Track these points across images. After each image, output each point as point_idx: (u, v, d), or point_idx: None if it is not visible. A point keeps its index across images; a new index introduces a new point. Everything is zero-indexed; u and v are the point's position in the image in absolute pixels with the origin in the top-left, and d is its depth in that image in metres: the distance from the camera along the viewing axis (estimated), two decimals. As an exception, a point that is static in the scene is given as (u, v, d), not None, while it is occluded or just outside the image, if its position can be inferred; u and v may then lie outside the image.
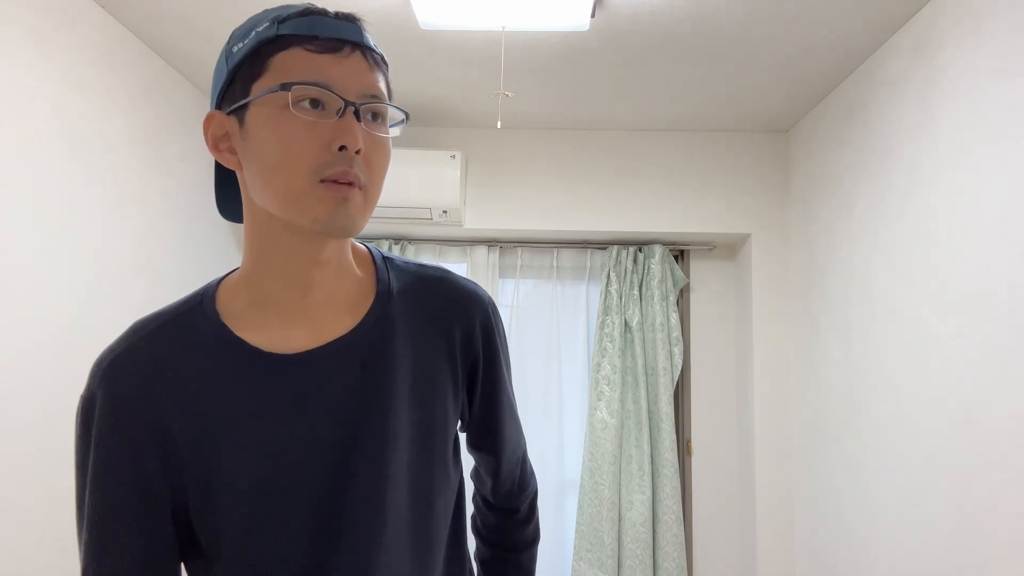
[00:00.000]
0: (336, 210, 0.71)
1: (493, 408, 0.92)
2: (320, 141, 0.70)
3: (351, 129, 0.70)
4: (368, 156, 0.73)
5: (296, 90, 0.70)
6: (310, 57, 0.71)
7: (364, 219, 0.74)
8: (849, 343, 2.32)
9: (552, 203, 2.98)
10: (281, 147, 0.70)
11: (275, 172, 0.71)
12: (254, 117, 0.72)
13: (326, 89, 0.70)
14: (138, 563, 0.73)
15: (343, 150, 0.70)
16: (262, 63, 0.72)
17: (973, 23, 1.73)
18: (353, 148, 0.70)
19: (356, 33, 0.74)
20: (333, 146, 0.70)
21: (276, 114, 0.71)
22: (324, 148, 0.70)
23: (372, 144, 0.74)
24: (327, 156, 0.70)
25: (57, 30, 1.86)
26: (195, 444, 0.74)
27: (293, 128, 0.70)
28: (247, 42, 0.74)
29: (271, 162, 0.71)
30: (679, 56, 2.31)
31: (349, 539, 0.75)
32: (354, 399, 0.77)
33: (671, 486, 2.85)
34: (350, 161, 0.71)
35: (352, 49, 0.73)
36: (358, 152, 0.71)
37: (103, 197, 2.05)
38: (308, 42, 0.72)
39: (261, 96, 0.72)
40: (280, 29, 0.72)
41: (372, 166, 0.74)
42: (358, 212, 0.73)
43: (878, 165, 2.17)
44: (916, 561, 1.88)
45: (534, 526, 1.06)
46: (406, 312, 0.83)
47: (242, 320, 0.78)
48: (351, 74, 0.72)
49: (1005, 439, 1.55)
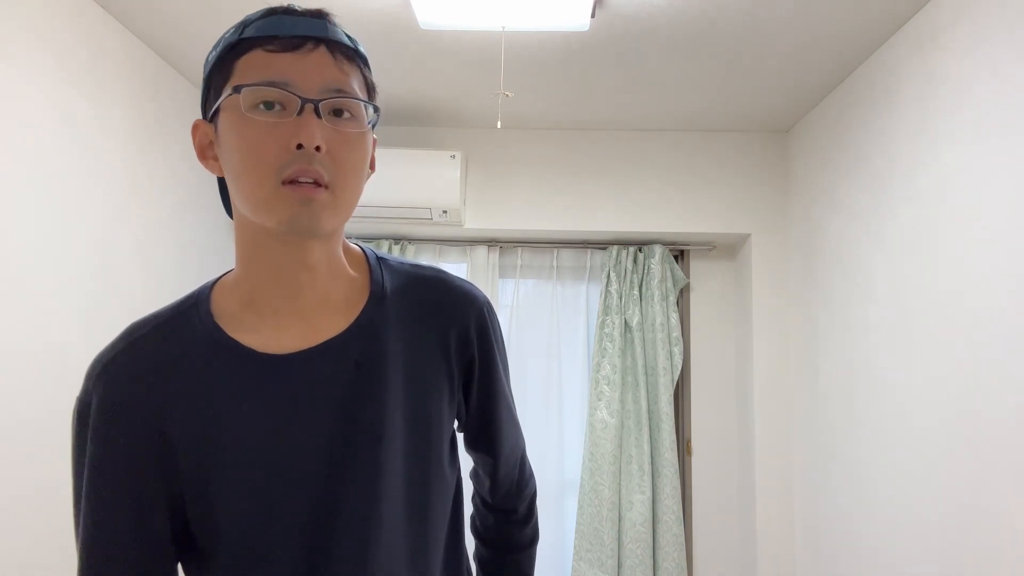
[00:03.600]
0: (299, 211, 0.70)
1: (490, 408, 0.92)
2: (279, 141, 0.69)
3: (308, 127, 0.69)
4: (334, 153, 0.71)
5: (247, 92, 0.70)
6: (269, 57, 0.71)
7: (334, 219, 0.73)
8: (849, 343, 2.31)
9: (552, 203, 2.98)
10: (243, 151, 0.70)
11: (242, 176, 0.71)
12: (222, 123, 0.73)
13: (280, 88, 0.70)
14: (135, 564, 0.73)
15: (301, 148, 0.69)
16: (228, 68, 0.72)
17: (972, 23, 1.73)
18: (310, 145, 0.69)
19: (319, 28, 0.73)
20: (291, 145, 0.69)
21: (237, 119, 0.71)
22: (284, 148, 0.69)
23: (337, 140, 0.72)
24: (287, 156, 0.69)
25: (57, 30, 1.86)
26: (191, 445, 0.74)
27: (253, 131, 0.70)
28: (218, 50, 0.74)
29: (237, 167, 0.71)
30: (679, 56, 2.31)
31: (345, 539, 0.75)
32: (348, 399, 0.77)
33: (671, 486, 2.84)
34: (309, 159, 0.69)
35: (315, 45, 0.72)
36: (318, 149, 0.70)
37: (103, 197, 2.05)
38: (268, 43, 0.71)
39: (222, 101, 0.72)
40: (244, 33, 0.72)
41: (340, 163, 0.72)
42: (324, 212, 0.71)
43: (878, 165, 2.17)
44: (916, 561, 1.87)
45: (533, 526, 1.05)
46: (400, 312, 0.83)
47: (236, 321, 0.78)
48: (312, 70, 0.71)
49: (1005, 438, 1.55)
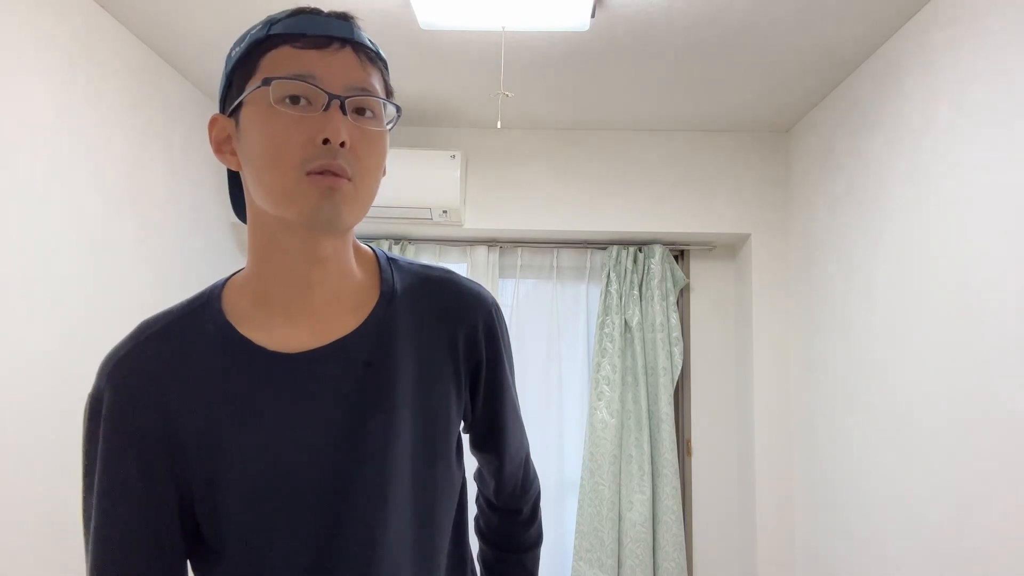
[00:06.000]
0: (321, 201, 0.71)
1: (496, 409, 0.92)
2: (305, 136, 0.71)
3: (334, 122, 0.71)
4: (356, 150, 0.73)
5: (276, 85, 0.71)
6: (297, 54, 0.72)
7: (354, 213, 0.74)
8: (849, 343, 2.32)
9: (552, 203, 2.98)
10: (268, 143, 0.71)
11: (265, 168, 0.72)
12: (246, 116, 0.74)
13: (309, 83, 0.71)
14: (144, 561, 0.73)
15: (327, 143, 0.70)
16: (254, 64, 0.74)
17: (972, 23, 1.73)
18: (336, 141, 0.70)
19: (346, 30, 0.75)
20: (317, 140, 0.70)
21: (264, 111, 0.72)
22: (309, 142, 0.71)
23: (360, 138, 0.73)
24: (312, 150, 0.71)
25: (57, 30, 1.86)
26: (201, 443, 0.74)
27: (279, 124, 0.71)
28: (242, 45, 0.76)
29: (261, 159, 0.72)
30: (679, 56, 2.31)
31: (352, 537, 0.76)
32: (358, 398, 0.77)
33: (671, 486, 2.85)
34: (334, 154, 0.71)
35: (342, 45, 0.74)
36: (343, 145, 0.71)
37: (104, 197, 2.05)
38: (296, 40, 0.73)
39: (249, 94, 0.73)
40: (271, 30, 0.74)
41: (361, 160, 0.73)
42: (345, 204, 0.72)
43: (878, 165, 2.17)
44: (916, 561, 1.88)
45: (537, 528, 1.06)
46: (410, 312, 0.83)
47: (247, 320, 0.79)
48: (338, 69, 0.73)
49: (1005, 438, 1.55)
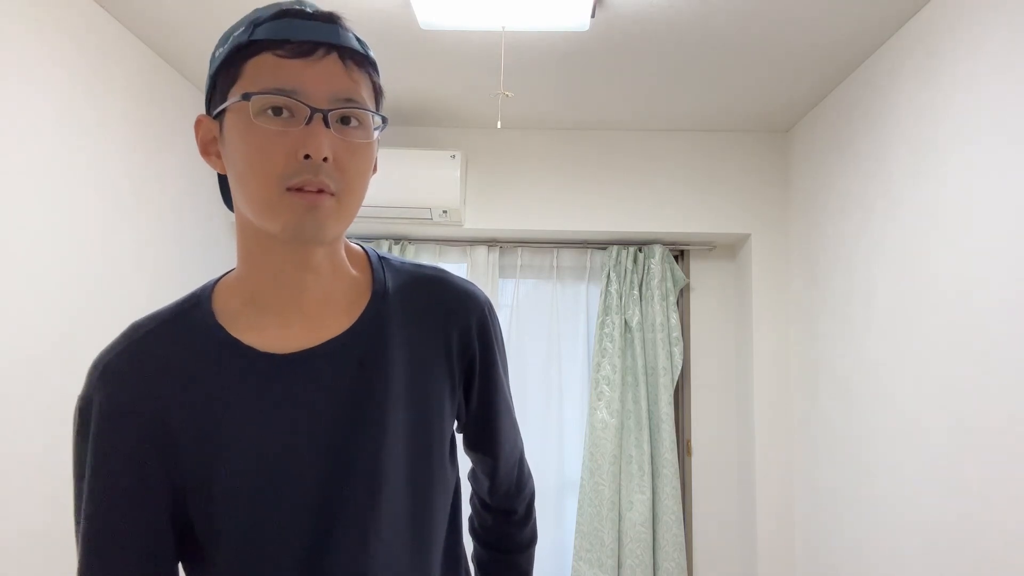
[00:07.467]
0: (304, 217, 0.70)
1: (490, 409, 0.92)
2: (286, 150, 0.69)
3: (316, 137, 0.69)
4: (340, 162, 0.71)
5: (256, 100, 0.69)
6: (279, 63, 0.70)
7: (338, 226, 0.73)
8: (849, 343, 2.31)
9: (552, 203, 2.98)
10: (249, 156, 0.70)
11: (246, 180, 0.71)
12: (229, 123, 0.72)
13: (290, 97, 0.69)
14: (135, 563, 0.73)
15: (308, 159, 0.69)
16: (237, 69, 0.72)
17: (973, 23, 1.73)
18: (318, 157, 0.69)
19: (332, 34, 0.72)
20: (299, 154, 0.69)
21: (245, 123, 0.70)
22: (291, 157, 0.69)
23: (344, 150, 0.72)
24: (294, 165, 0.69)
25: (58, 31, 1.86)
26: (193, 444, 0.74)
27: (260, 137, 0.69)
28: (226, 47, 0.73)
29: (242, 170, 0.71)
30: (679, 56, 2.31)
31: (346, 537, 0.75)
32: (350, 398, 0.77)
33: (671, 486, 2.84)
34: (316, 169, 0.69)
35: (327, 51, 0.71)
36: (325, 160, 0.69)
37: (103, 196, 2.05)
38: (279, 47, 0.70)
39: (230, 104, 0.71)
40: (254, 34, 0.71)
41: (345, 172, 0.72)
42: (328, 219, 0.72)
43: (878, 165, 2.17)
44: (916, 561, 1.87)
45: (531, 527, 1.06)
46: (402, 312, 0.83)
47: (238, 320, 0.78)
48: (322, 78, 0.70)
49: (1005, 439, 1.55)
